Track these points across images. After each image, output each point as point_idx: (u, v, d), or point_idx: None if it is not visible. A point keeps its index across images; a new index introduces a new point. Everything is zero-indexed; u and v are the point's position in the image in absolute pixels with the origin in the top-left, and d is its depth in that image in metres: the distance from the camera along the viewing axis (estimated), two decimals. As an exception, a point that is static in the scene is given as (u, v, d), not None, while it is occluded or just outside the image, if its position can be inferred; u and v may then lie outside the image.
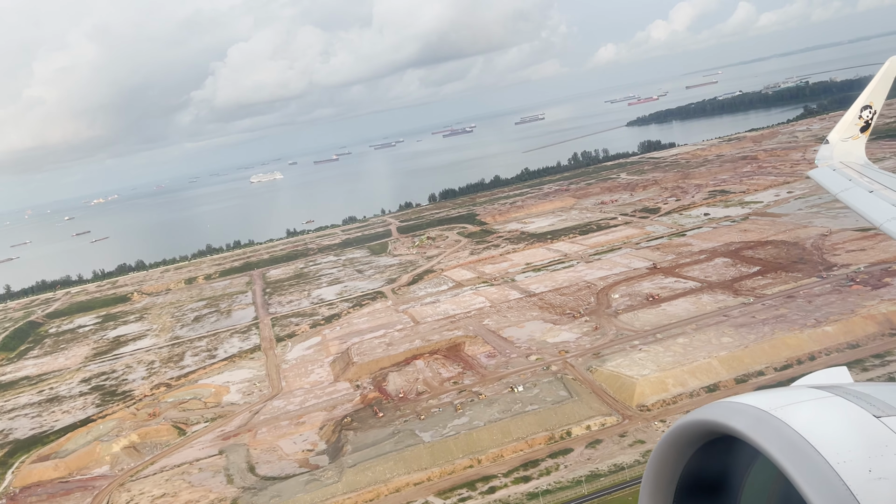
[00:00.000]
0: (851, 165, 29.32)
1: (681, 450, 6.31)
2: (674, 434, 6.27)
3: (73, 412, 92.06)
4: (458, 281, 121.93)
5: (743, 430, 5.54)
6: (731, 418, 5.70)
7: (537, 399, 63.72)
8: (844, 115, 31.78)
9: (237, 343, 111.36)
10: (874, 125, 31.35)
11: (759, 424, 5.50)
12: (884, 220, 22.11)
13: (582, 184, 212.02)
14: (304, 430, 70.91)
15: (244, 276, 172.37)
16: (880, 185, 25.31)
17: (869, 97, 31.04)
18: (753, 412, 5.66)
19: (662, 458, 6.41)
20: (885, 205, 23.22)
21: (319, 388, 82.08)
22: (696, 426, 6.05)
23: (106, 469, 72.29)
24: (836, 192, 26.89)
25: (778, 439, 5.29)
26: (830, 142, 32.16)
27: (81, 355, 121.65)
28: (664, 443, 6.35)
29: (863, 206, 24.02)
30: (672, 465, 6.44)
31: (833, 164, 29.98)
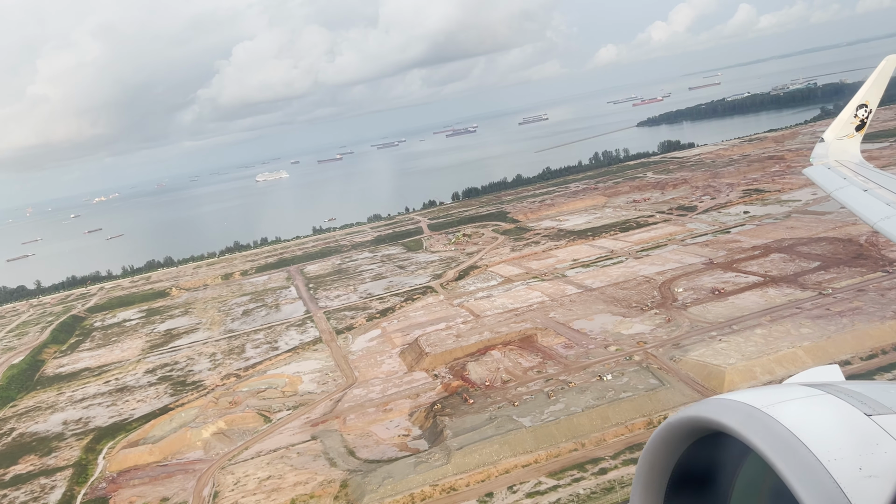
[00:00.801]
0: (846, 164, 29.67)
1: (673, 445, 6.39)
2: (666, 430, 6.37)
3: (148, 401, 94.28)
4: (506, 276, 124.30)
5: (734, 427, 5.62)
6: (723, 415, 5.78)
7: (628, 387, 66.14)
8: (840, 113, 32.36)
9: (296, 335, 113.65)
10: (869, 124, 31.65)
11: (751, 421, 5.56)
12: (878, 218, 22.32)
13: (609, 182, 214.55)
14: (393, 417, 73.26)
15: (281, 271, 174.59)
16: (874, 183, 25.59)
17: (864, 96, 31.43)
18: (745, 409, 5.74)
19: (655, 453, 6.49)
20: (879, 203, 23.38)
21: (396, 378, 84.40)
22: (689, 422, 6.15)
23: (200, 454, 74.58)
24: (831, 191, 27.23)
25: (769, 436, 5.36)
26: (826, 140, 32.68)
27: (137, 348, 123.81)
28: (657, 438, 6.45)
29: (857, 205, 24.28)
30: (664, 461, 6.51)
31: (828, 163, 30.39)
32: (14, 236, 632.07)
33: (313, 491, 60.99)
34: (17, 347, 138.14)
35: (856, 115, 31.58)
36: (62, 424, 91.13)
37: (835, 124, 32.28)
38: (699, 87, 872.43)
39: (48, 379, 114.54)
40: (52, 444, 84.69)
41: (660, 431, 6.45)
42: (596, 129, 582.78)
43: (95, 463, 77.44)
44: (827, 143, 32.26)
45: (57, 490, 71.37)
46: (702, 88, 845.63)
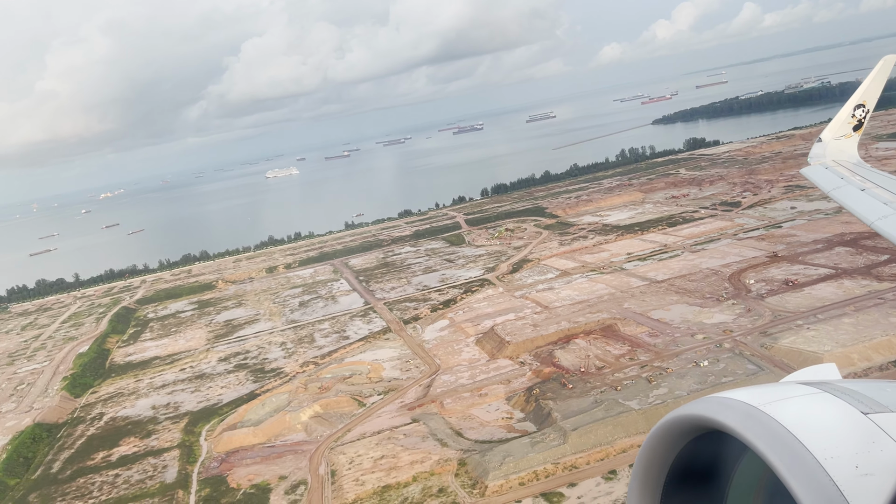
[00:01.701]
0: (844, 164, 29.65)
1: (671, 443, 6.43)
2: (664, 427, 6.39)
3: (231, 387, 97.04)
4: (562, 270, 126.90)
5: (732, 425, 5.64)
6: (721, 413, 5.82)
7: (727, 372, 68.82)
8: (837, 113, 32.41)
9: (362, 325, 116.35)
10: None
11: (748, 420, 5.60)
12: (875, 218, 22.36)
13: (643, 179, 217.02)
14: (490, 401, 75.96)
15: (325, 265, 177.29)
16: (872, 183, 25.61)
17: (862, 96, 31.47)
18: (743, 407, 5.77)
19: (652, 451, 6.53)
20: (876, 203, 23.37)
21: (480, 365, 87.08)
22: (687, 420, 6.19)
23: (302, 436, 77.35)
24: (829, 190, 27.23)
25: (766, 435, 5.39)
26: (823, 140, 32.64)
27: (202, 338, 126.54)
28: (654, 436, 6.48)
29: (854, 205, 24.27)
30: (662, 458, 6.55)
31: (826, 163, 30.42)
32: (27, 231, 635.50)
33: (432, 469, 63.71)
34: (78, 337, 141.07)
35: (853, 114, 31.86)
36: (152, 409, 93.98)
37: (832, 124, 32.59)
38: (706, 86, 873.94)
39: (120, 367, 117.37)
40: (147, 427, 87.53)
41: (658, 429, 6.45)
42: (607, 127, 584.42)
43: (198, 444, 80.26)
44: (824, 142, 32.53)
45: (170, 469, 74.19)
46: (709, 87, 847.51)
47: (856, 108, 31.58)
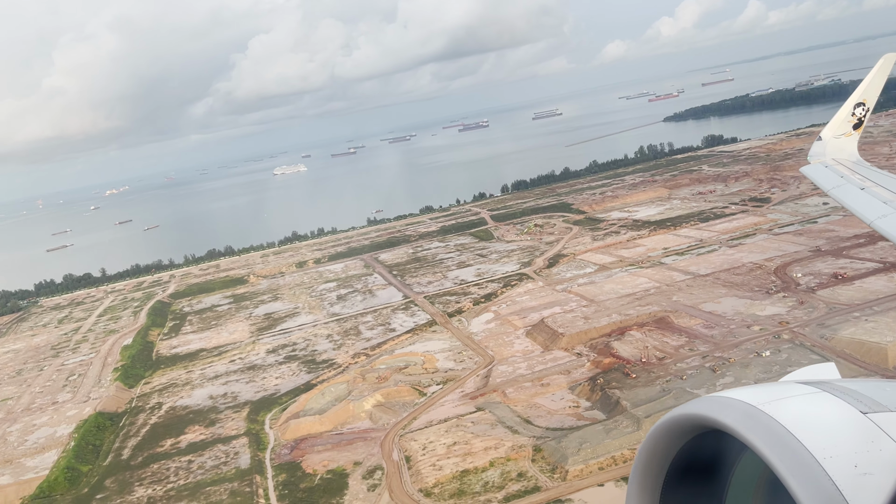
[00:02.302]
0: (843, 162, 29.58)
1: (670, 442, 6.46)
2: (664, 426, 6.42)
3: (286, 378, 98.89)
4: (600, 264, 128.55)
5: (731, 425, 5.66)
6: (720, 412, 5.84)
7: (790, 362, 70.51)
8: (838, 112, 32.41)
9: (405, 318, 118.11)
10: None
11: (748, 419, 5.62)
12: (874, 217, 22.37)
13: (666, 175, 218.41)
14: (553, 391, 77.68)
15: (354, 260, 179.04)
16: (871, 182, 25.61)
17: (862, 94, 31.38)
18: (742, 407, 5.80)
19: (652, 449, 6.56)
20: (875, 202, 23.36)
21: (535, 356, 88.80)
22: (686, 419, 6.22)
23: (368, 424, 79.18)
24: (828, 189, 27.22)
25: (765, 434, 5.41)
26: (823, 139, 32.64)
27: (244, 331, 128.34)
28: (654, 434, 6.50)
29: (854, 203, 24.28)
30: (661, 457, 6.57)
31: (825, 161, 30.41)
32: (37, 228, 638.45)
33: (507, 455, 65.46)
34: (119, 330, 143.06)
35: (853, 113, 31.83)
36: (210, 399, 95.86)
37: (832, 123, 32.50)
38: (712, 83, 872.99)
39: (168, 359, 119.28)
40: (210, 416, 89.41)
41: (657, 427, 6.48)
42: (617, 124, 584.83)
43: (264, 432, 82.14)
44: (824, 141, 32.50)
45: (242, 456, 76.05)
46: (715, 84, 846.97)
47: (856, 106, 31.80)
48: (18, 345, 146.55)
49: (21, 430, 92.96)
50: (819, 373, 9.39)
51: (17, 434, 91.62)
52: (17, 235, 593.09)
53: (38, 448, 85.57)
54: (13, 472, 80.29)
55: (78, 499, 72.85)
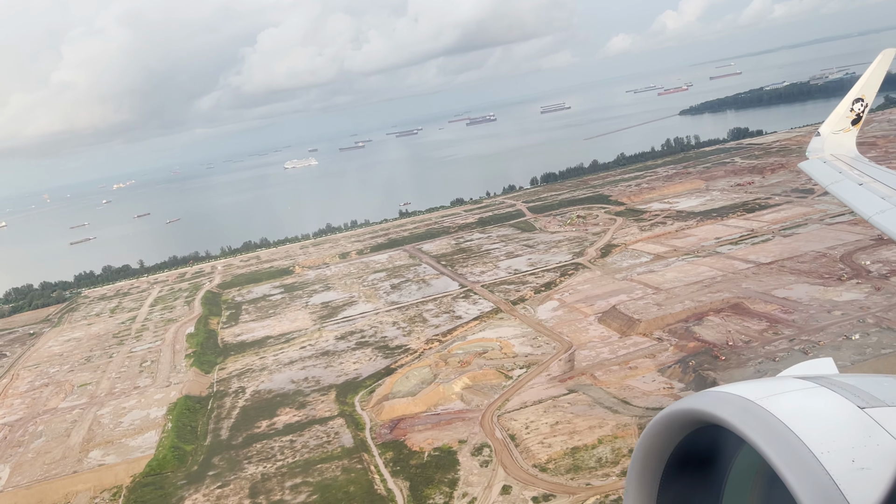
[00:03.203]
0: (842, 158, 29.60)
1: (669, 436, 6.52)
2: (661, 422, 6.49)
3: (364, 362, 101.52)
4: (655, 254, 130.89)
5: (728, 420, 5.72)
6: (718, 407, 5.90)
7: (881, 344, 72.91)
8: (836, 107, 32.49)
9: (467, 306, 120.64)
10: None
11: (745, 414, 5.68)
12: (873, 212, 22.35)
13: (699, 167, 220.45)
14: (642, 374, 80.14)
15: (397, 250, 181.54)
16: (870, 177, 25.61)
17: (861, 90, 31.43)
18: (739, 402, 5.86)
19: (650, 444, 6.63)
20: (874, 198, 23.35)
21: (615, 341, 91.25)
22: (684, 415, 6.30)
23: (460, 405, 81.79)
24: (827, 185, 27.26)
25: (762, 429, 5.45)
26: (822, 134, 32.70)
27: (306, 319, 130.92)
28: (652, 429, 6.56)
29: (852, 199, 24.32)
30: (659, 451, 6.63)
31: (824, 157, 30.40)
32: (52, 221, 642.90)
33: (614, 433, 68.03)
34: (176, 319, 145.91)
35: (852, 109, 31.86)
36: (291, 383, 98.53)
37: (831, 118, 32.49)
38: (720, 77, 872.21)
39: (235, 346, 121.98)
40: (297, 398, 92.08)
41: (655, 423, 6.54)
42: (630, 118, 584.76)
43: (357, 413, 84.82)
44: (823, 136, 32.48)
45: (342, 435, 78.72)
46: (723, 78, 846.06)
47: (854, 102, 31.86)
48: (77, 333, 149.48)
49: (112, 413, 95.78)
50: (816, 368, 9.44)
51: (110, 417, 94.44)
52: (34, 229, 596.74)
53: (136, 429, 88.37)
54: (117, 451, 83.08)
55: (189, 475, 75.62)
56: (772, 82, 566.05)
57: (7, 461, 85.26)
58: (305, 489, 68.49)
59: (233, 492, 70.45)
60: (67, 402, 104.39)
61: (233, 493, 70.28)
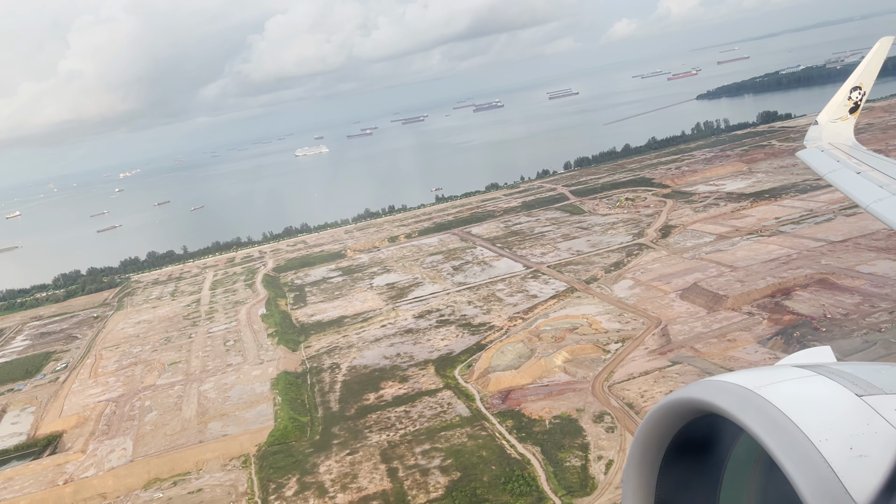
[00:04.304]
0: (840, 146, 29.64)
1: (668, 425, 6.59)
2: (660, 411, 6.58)
3: (452, 339, 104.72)
4: (717, 234, 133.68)
5: (727, 409, 5.78)
6: (716, 396, 5.96)
7: (982, 314, 75.93)
8: (834, 96, 32.54)
9: (539, 285, 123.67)
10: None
11: (743, 402, 5.75)
12: (870, 201, 22.44)
13: (738, 150, 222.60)
14: (742, 346, 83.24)
15: (446, 234, 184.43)
16: (867, 166, 25.67)
17: (859, 78, 31.40)
18: (738, 391, 5.92)
19: (649, 433, 6.72)
20: (871, 186, 23.43)
21: (704, 316, 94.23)
22: (683, 404, 6.36)
23: (565, 377, 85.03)
24: (825, 173, 27.37)
25: (761, 417, 5.52)
26: (820, 123, 32.84)
27: (376, 299, 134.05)
28: (651, 418, 6.65)
29: (850, 188, 24.39)
30: (659, 439, 6.71)
31: (822, 145, 30.52)
32: (67, 210, 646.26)
33: (731, 399, 71.21)
34: (244, 301, 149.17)
35: (850, 97, 31.93)
36: (384, 359, 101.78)
37: (829, 107, 32.61)
38: (727, 62, 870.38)
39: (312, 325, 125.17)
40: (396, 373, 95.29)
41: (655, 412, 6.60)
42: (647, 102, 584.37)
43: (462, 385, 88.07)
44: (821, 125, 32.65)
45: (456, 406, 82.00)
46: (730, 63, 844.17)
47: (852, 90, 31.84)
48: (145, 316, 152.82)
49: (215, 389, 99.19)
50: (815, 356, 9.56)
51: (215, 392, 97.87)
52: (50, 218, 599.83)
53: (246, 403, 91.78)
54: (235, 423, 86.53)
55: (314, 444, 79.02)
56: (786, 66, 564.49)
57: (126, 434, 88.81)
58: (437, 454, 71.87)
59: (364, 458, 73.87)
60: (163, 379, 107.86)
61: (364, 458, 73.71)
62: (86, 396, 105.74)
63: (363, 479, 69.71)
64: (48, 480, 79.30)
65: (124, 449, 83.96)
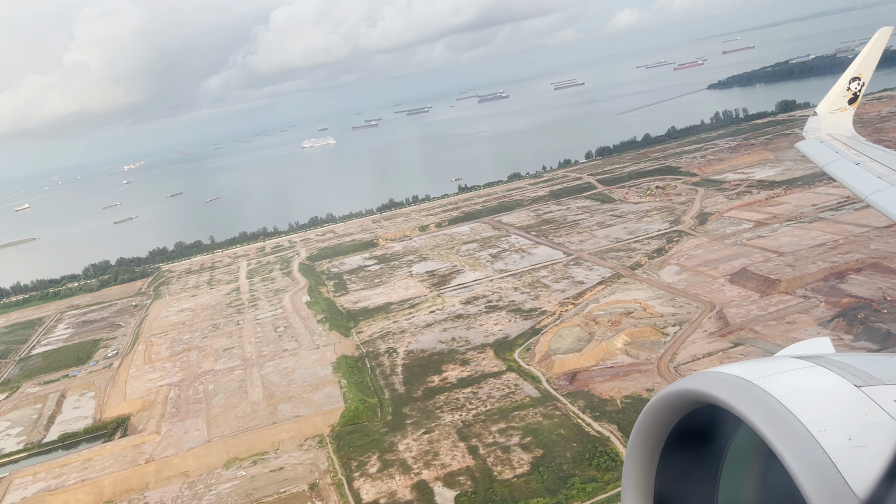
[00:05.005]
0: (838, 137, 29.46)
1: (667, 417, 6.63)
2: (659, 402, 6.61)
3: (506, 324, 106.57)
4: (755, 220, 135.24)
5: (726, 400, 5.80)
6: (715, 388, 5.99)
7: None
8: (833, 87, 32.49)
9: (583, 272, 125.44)
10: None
11: (742, 394, 5.77)
12: (869, 192, 22.35)
13: (761, 139, 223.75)
14: (802, 328, 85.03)
15: (476, 223, 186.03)
16: (866, 157, 25.59)
17: (858, 69, 31.31)
18: (737, 382, 5.95)
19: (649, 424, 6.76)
20: (870, 177, 23.33)
21: (758, 300, 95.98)
22: (682, 395, 6.39)
23: (627, 359, 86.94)
24: (823, 165, 27.27)
25: (760, 408, 5.54)
26: (818, 114, 32.63)
27: (419, 286, 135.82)
28: (651, 409, 6.68)
29: (849, 179, 24.38)
30: (658, 431, 6.76)
31: (821, 136, 30.30)
32: (77, 202, 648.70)
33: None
34: (285, 289, 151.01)
35: (849, 88, 31.79)
36: (440, 343, 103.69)
37: (827, 98, 32.53)
38: (732, 52, 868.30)
39: (359, 312, 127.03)
40: (455, 356, 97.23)
41: (653, 404, 6.64)
42: (657, 92, 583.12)
43: (524, 368, 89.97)
44: (820, 116, 32.42)
45: (523, 386, 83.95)
46: (735, 53, 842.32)
47: (851, 81, 31.75)
48: (186, 304, 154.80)
49: (276, 373, 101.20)
50: (814, 347, 9.59)
51: (277, 376, 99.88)
52: (60, 210, 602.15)
53: (311, 386, 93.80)
54: (304, 405, 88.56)
55: (387, 424, 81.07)
56: (795, 56, 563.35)
57: (196, 416, 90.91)
58: (514, 433, 73.86)
59: (441, 436, 75.90)
60: (221, 364, 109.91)
61: (441, 437, 75.74)
62: (146, 381, 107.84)
63: (445, 456, 71.73)
64: (128, 460, 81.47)
65: (198, 430, 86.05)
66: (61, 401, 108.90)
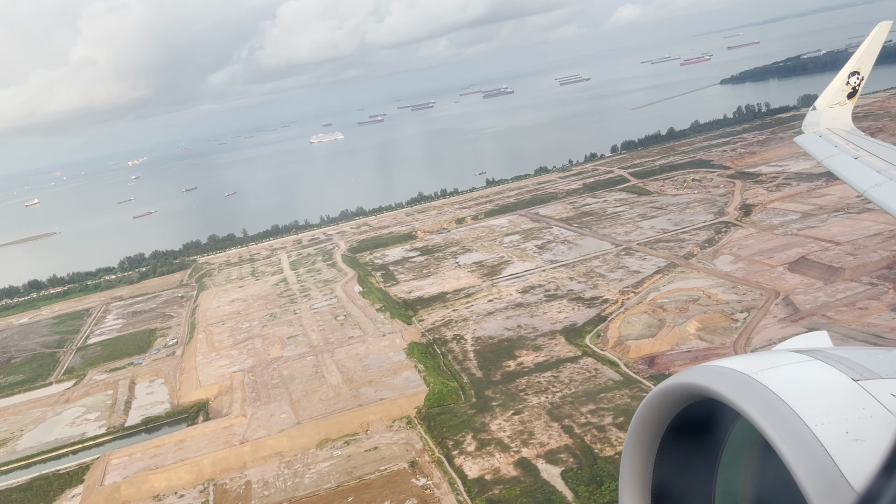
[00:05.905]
0: (837, 132, 29.61)
1: (665, 410, 6.69)
2: (657, 396, 6.68)
3: (569, 311, 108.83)
4: (801, 211, 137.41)
5: (724, 393, 5.85)
6: (713, 381, 6.04)
7: None
8: (832, 81, 32.66)
9: (636, 262, 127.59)
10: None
11: (740, 387, 5.81)
12: (868, 186, 22.54)
13: (789, 132, 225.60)
14: (876, 312, 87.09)
15: (513, 215, 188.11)
16: (865, 151, 25.62)
17: (857, 63, 31.34)
18: (734, 375, 6.01)
19: (647, 418, 6.83)
20: (869, 171, 23.39)
21: (822, 287, 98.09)
22: (680, 389, 6.48)
23: (702, 344, 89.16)
24: (822, 159, 27.43)
25: (758, 401, 5.56)
26: (817, 108, 32.97)
27: (470, 277, 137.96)
28: (648, 403, 6.74)
29: (848, 173, 24.37)
30: (656, 424, 6.82)
31: (819, 131, 30.52)
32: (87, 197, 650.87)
33: (884, 360, 75.35)
34: (333, 280, 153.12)
35: (848, 82, 31.97)
36: (507, 330, 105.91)
37: (826, 92, 32.86)
38: (738, 47, 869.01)
39: (415, 301, 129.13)
40: (526, 342, 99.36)
41: (651, 397, 6.68)
42: (669, 87, 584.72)
43: (599, 353, 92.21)
44: (818, 110, 32.71)
45: (603, 370, 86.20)
46: (741, 48, 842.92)
47: (850, 75, 31.85)
48: (235, 295, 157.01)
49: (349, 358, 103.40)
50: (812, 341, 9.61)
51: (352, 361, 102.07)
52: (71, 205, 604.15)
53: (388, 370, 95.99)
54: (386, 388, 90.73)
55: (473, 406, 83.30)
56: (803, 51, 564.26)
57: (279, 400, 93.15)
58: (605, 413, 76.18)
59: (532, 417, 78.17)
60: (289, 351, 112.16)
61: (532, 418, 78.02)
62: (216, 368, 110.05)
63: (541, 435, 74.01)
64: (222, 441, 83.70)
65: (284, 413, 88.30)
66: (132, 387, 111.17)
